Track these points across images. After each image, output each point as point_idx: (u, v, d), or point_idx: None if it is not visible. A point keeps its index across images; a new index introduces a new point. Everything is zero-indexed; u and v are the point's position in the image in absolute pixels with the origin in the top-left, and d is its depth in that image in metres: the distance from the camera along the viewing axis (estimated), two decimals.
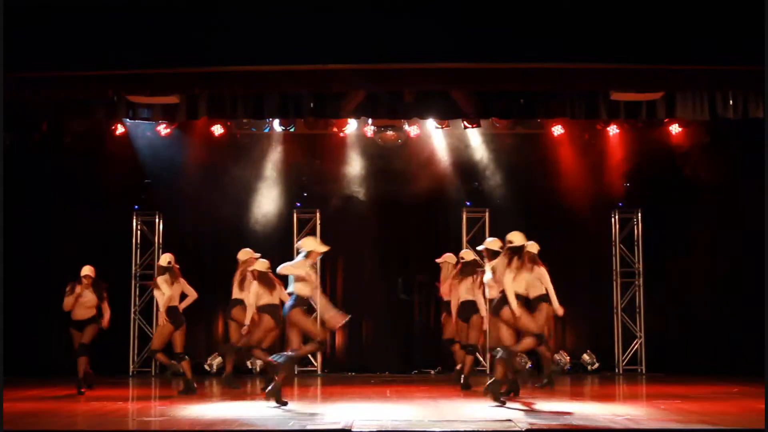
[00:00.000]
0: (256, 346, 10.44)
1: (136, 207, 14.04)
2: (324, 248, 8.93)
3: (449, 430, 6.88)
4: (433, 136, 13.97)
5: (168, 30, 8.44)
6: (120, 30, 8.41)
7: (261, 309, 10.38)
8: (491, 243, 9.35)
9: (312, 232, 13.96)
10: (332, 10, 8.37)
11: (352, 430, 6.82)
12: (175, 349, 10.45)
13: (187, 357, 10.48)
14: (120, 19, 8.39)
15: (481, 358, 12.94)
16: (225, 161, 13.94)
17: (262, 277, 10.53)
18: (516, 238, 8.82)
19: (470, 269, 10.40)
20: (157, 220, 14.08)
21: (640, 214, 14.17)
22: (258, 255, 11.09)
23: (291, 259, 13.67)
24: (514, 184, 14.11)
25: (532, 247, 9.94)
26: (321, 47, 8.45)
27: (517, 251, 8.73)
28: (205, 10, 8.47)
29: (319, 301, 9.58)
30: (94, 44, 8.44)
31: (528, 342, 8.71)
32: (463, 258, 10.56)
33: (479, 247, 9.56)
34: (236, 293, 11.11)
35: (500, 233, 13.96)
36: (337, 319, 9.06)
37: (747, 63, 8.22)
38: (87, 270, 10.61)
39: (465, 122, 13.13)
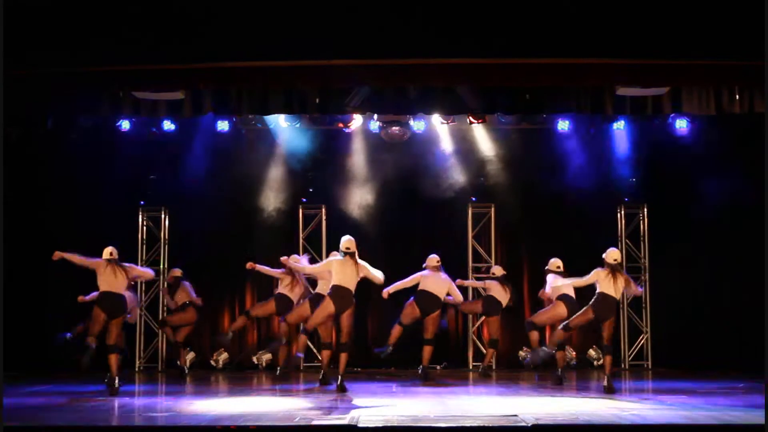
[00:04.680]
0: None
1: (142, 202, 14.05)
2: None
3: (455, 425, 6.88)
4: (439, 131, 13.96)
5: (173, 26, 8.44)
6: (125, 26, 8.41)
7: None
8: None
9: (318, 228, 13.99)
10: (337, 5, 8.36)
11: (358, 425, 6.82)
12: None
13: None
14: (124, 15, 8.39)
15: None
16: (230, 157, 13.94)
17: None
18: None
19: None
20: (163, 216, 14.10)
21: (645, 209, 14.16)
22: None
23: (295, 254, 13.78)
24: (519, 179, 14.10)
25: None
26: (326, 43, 8.44)
27: None
28: (209, 6, 8.47)
29: None
30: (99, 40, 8.44)
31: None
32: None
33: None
34: None
35: (505, 229, 14.15)
36: None
37: (752, 58, 8.20)
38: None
39: (470, 118, 13.12)
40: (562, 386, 10.55)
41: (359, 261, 10.07)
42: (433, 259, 11.49)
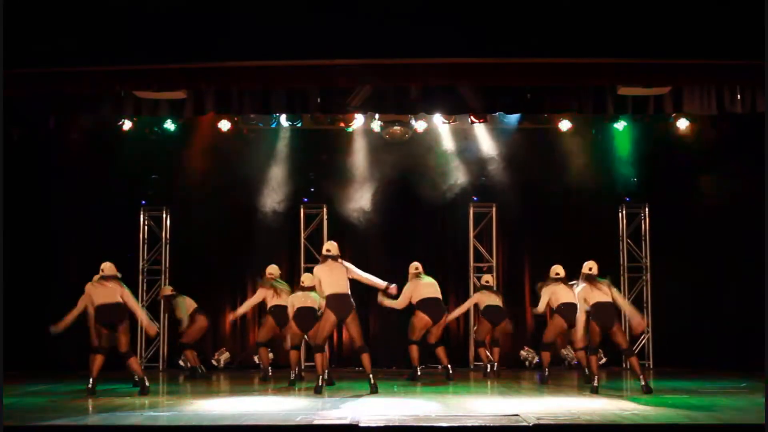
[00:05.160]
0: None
1: (144, 202, 14.06)
2: None
3: (456, 425, 6.88)
4: (440, 131, 13.97)
5: (174, 25, 8.44)
6: (126, 25, 8.42)
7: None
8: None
9: (319, 228, 13.99)
10: (338, 5, 8.36)
11: (359, 424, 6.82)
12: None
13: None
14: (126, 15, 8.40)
15: None
16: (232, 156, 13.94)
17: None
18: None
19: None
20: (164, 216, 14.11)
21: (647, 209, 14.16)
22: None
23: (297, 255, 13.80)
24: (520, 178, 14.10)
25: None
26: (327, 42, 8.44)
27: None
28: (211, 5, 8.47)
29: None
30: (101, 39, 8.45)
31: None
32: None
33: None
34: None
35: (507, 228, 14.15)
36: None
37: (753, 57, 8.20)
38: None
39: (472, 117, 13.12)
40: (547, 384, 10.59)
41: (344, 263, 9.87)
42: (412, 266, 11.57)
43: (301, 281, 10.73)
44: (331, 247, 9.93)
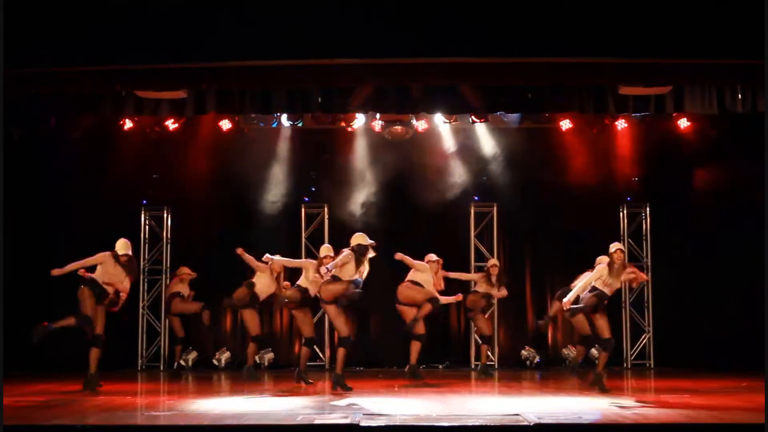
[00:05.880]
0: None
1: (145, 202, 14.06)
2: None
3: (457, 424, 6.88)
4: (441, 130, 13.97)
5: (175, 24, 8.45)
6: (127, 25, 8.42)
7: None
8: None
9: (320, 227, 13.99)
10: (339, 4, 8.37)
11: (360, 424, 6.82)
12: None
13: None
14: (127, 14, 8.40)
15: None
16: (233, 156, 13.94)
17: None
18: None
19: None
20: (165, 215, 14.11)
21: (648, 209, 14.15)
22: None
23: (298, 255, 13.79)
24: (521, 178, 14.10)
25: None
26: (328, 42, 8.44)
27: None
28: (211, 5, 8.48)
29: None
30: (102, 39, 8.45)
31: None
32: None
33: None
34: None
35: (508, 228, 14.15)
36: None
37: (754, 57, 8.19)
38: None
39: (473, 117, 13.13)
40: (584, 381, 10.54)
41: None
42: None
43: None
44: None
